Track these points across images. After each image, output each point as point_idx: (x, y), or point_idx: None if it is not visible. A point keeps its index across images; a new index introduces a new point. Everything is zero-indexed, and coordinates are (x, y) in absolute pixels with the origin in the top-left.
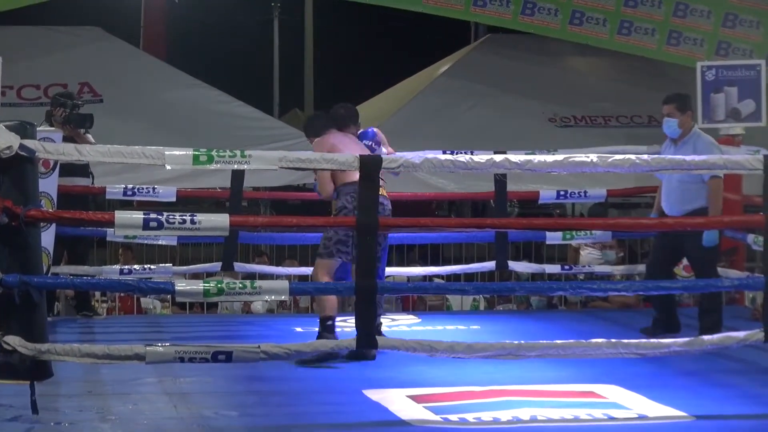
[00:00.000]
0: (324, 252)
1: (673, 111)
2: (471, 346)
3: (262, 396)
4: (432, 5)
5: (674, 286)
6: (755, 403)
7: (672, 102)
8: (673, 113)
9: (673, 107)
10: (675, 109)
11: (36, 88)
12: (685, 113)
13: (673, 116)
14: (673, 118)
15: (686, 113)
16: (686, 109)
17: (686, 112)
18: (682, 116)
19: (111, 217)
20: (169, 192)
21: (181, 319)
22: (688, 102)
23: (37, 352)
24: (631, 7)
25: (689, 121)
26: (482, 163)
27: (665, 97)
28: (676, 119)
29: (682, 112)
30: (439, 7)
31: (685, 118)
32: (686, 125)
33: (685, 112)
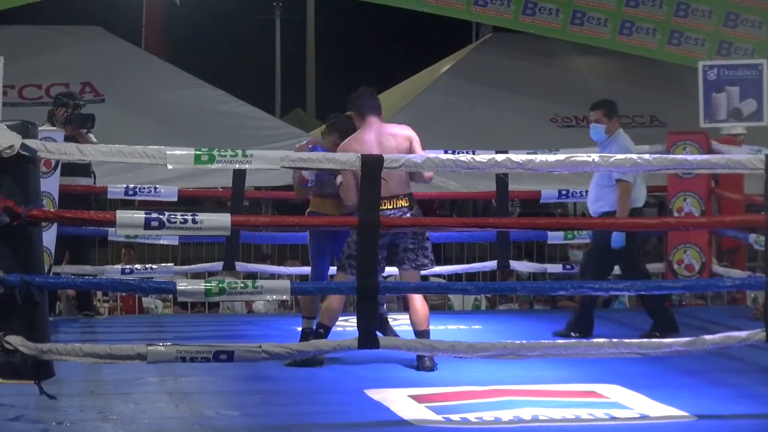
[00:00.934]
0: (339, 266)
1: (601, 117)
2: (472, 346)
3: (263, 395)
4: (433, 4)
5: (675, 286)
6: (756, 403)
7: (600, 108)
8: (600, 119)
9: (600, 113)
10: (603, 116)
11: (38, 88)
12: (611, 119)
13: (600, 122)
14: (600, 123)
15: (613, 119)
16: (613, 115)
17: (613, 117)
18: (609, 122)
19: (112, 216)
20: (171, 191)
21: (182, 319)
22: (615, 108)
23: (39, 352)
24: (632, 7)
25: (615, 126)
26: (484, 163)
27: (593, 104)
28: (604, 125)
29: (609, 118)
30: (440, 6)
31: (611, 123)
32: (612, 130)
33: (612, 118)
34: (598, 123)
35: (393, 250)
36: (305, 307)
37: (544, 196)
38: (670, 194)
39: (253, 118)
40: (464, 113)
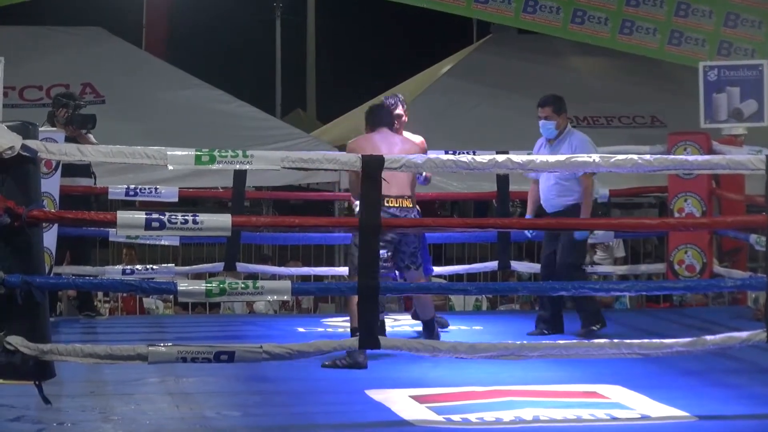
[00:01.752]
0: (353, 269)
1: (551, 114)
2: (473, 347)
3: (264, 396)
4: (434, 1)
5: (676, 286)
6: (758, 404)
7: (548, 105)
8: (550, 116)
9: (549, 110)
10: (552, 112)
11: (38, 89)
12: (560, 115)
13: (550, 119)
14: (550, 120)
15: (561, 115)
16: (562, 111)
17: (561, 114)
18: (558, 118)
19: (113, 217)
20: (172, 192)
21: (183, 320)
22: (563, 104)
23: (40, 353)
24: (632, 7)
25: (565, 122)
26: (485, 163)
27: (541, 100)
28: (554, 121)
29: (558, 114)
30: (441, 3)
31: (561, 119)
32: (562, 126)
33: (560, 114)
34: (548, 120)
35: (399, 256)
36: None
37: None
38: (671, 195)
39: (253, 118)
40: (465, 113)
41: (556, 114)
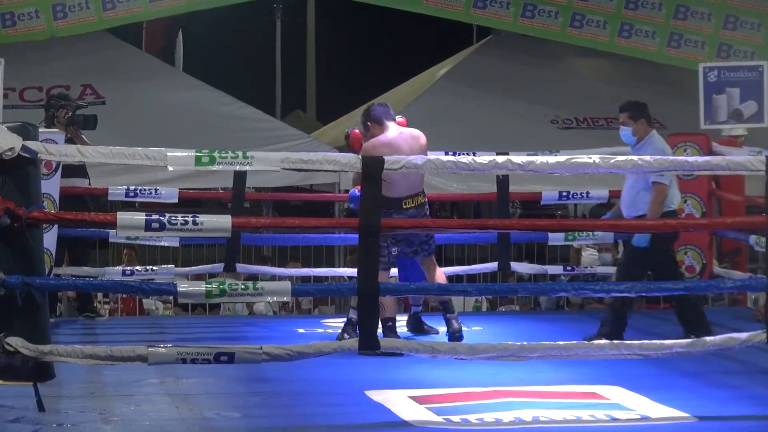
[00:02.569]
0: None
1: (627, 120)
2: (473, 347)
3: (264, 397)
4: (432, 6)
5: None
6: (757, 404)
7: (625, 111)
8: (626, 122)
9: (626, 116)
10: (628, 118)
11: (38, 90)
12: (638, 121)
13: (627, 125)
14: (627, 126)
15: (639, 121)
16: (639, 118)
17: (639, 120)
18: (635, 125)
19: (113, 218)
20: (171, 193)
21: (183, 321)
22: (642, 109)
23: (40, 354)
24: (631, 10)
25: (644, 129)
26: (485, 164)
27: (620, 106)
28: (630, 128)
29: (635, 120)
30: (440, 8)
31: (638, 126)
32: (640, 132)
33: (638, 120)
34: (624, 126)
35: (409, 244)
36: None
37: (545, 198)
38: None
39: (253, 119)
40: (465, 115)
41: (633, 120)
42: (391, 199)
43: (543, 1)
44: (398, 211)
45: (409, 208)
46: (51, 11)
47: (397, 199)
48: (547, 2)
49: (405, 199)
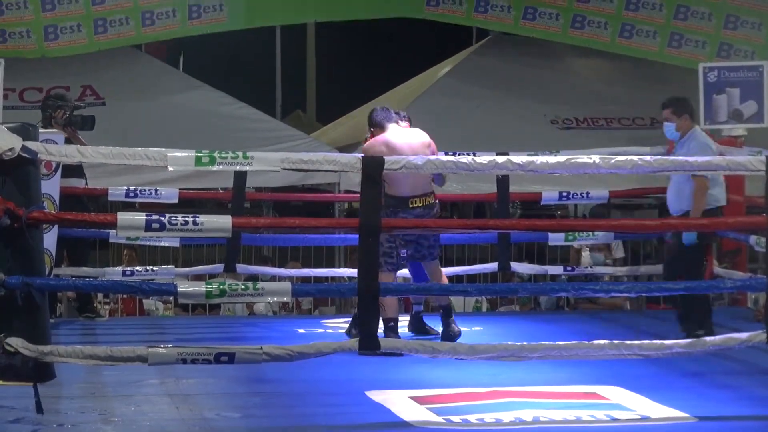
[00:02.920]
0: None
1: (670, 115)
2: (473, 348)
3: (264, 397)
4: (434, 12)
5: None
6: (758, 405)
7: (668, 106)
8: (670, 117)
9: (669, 111)
10: (671, 114)
11: (38, 91)
12: (681, 117)
13: (670, 120)
14: (670, 122)
15: (682, 116)
16: (682, 113)
17: (682, 115)
18: (678, 120)
19: (113, 218)
20: (172, 193)
21: (183, 321)
22: (684, 105)
23: (40, 354)
24: (632, 11)
25: (687, 124)
26: (485, 165)
27: (663, 102)
28: (673, 123)
29: (678, 116)
30: (441, 14)
31: (681, 121)
32: (684, 128)
33: (681, 115)
34: (668, 121)
35: (418, 248)
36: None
37: (545, 198)
38: None
39: (253, 119)
40: (464, 115)
41: (676, 116)
42: (398, 197)
43: (544, 4)
44: (405, 210)
45: (415, 208)
46: (42, 32)
47: (403, 198)
48: (547, 4)
49: (411, 198)
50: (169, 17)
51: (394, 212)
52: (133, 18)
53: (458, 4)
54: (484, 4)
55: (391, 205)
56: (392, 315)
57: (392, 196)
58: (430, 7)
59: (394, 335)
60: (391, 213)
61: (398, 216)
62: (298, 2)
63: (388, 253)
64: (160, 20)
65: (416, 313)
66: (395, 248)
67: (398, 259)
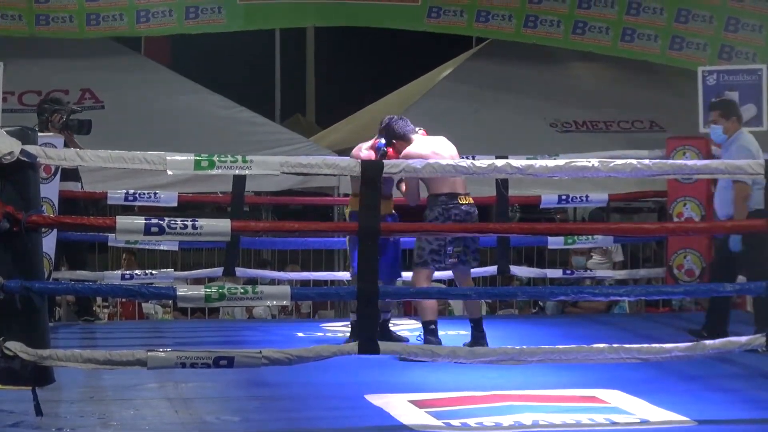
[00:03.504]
0: (419, 261)
1: (718, 118)
2: (473, 351)
3: (263, 401)
4: (434, 24)
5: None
6: (757, 408)
7: (716, 109)
8: (718, 120)
9: (717, 114)
10: (719, 116)
11: (37, 94)
12: (729, 119)
13: (718, 123)
14: (718, 124)
15: (730, 119)
16: (731, 115)
17: (730, 118)
18: (726, 122)
19: (112, 222)
20: (171, 197)
21: (182, 325)
22: (732, 107)
23: (39, 358)
24: (633, 15)
25: (735, 126)
26: (484, 168)
27: (710, 104)
28: (721, 126)
29: (726, 118)
30: (442, 25)
31: (729, 124)
32: (731, 130)
33: (729, 118)
34: (715, 124)
35: (465, 251)
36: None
37: (544, 202)
38: (670, 199)
39: (253, 123)
40: (464, 118)
41: (724, 118)
42: (448, 194)
43: (545, 11)
44: (456, 206)
45: (465, 203)
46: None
47: (453, 194)
48: (549, 12)
49: (460, 195)
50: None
51: (446, 208)
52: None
53: (459, 15)
54: (485, 14)
55: (442, 202)
56: (432, 318)
57: (441, 194)
58: (430, 19)
59: (435, 339)
60: (443, 210)
61: (450, 212)
62: (298, 7)
63: (437, 251)
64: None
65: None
66: (444, 246)
67: (445, 257)
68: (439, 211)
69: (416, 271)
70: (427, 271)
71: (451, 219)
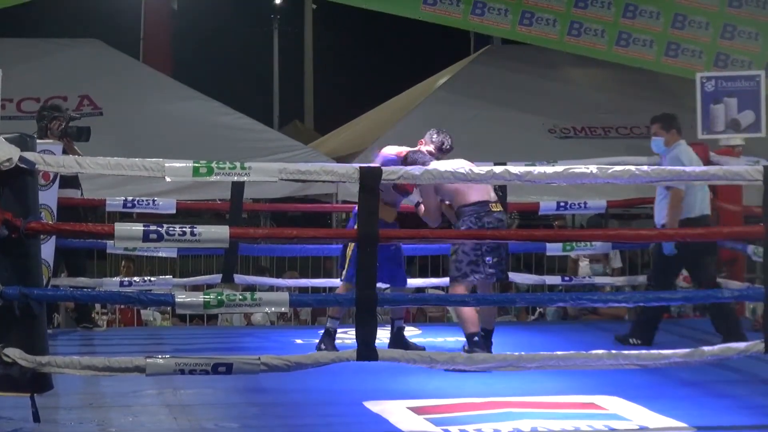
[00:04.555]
0: (458, 275)
1: (659, 130)
2: (471, 358)
3: (262, 408)
4: (430, 12)
5: (674, 297)
6: (756, 414)
7: (657, 122)
8: (658, 132)
9: (658, 126)
10: (660, 128)
11: (36, 101)
12: (669, 132)
13: (659, 134)
14: (659, 136)
15: (670, 131)
16: (671, 128)
17: (670, 130)
18: (667, 134)
19: (111, 229)
20: (169, 204)
21: (181, 331)
22: (672, 120)
23: (38, 365)
24: (629, 19)
25: (674, 138)
26: (482, 175)
27: (652, 117)
28: (662, 138)
29: (666, 131)
30: (437, 15)
31: (669, 136)
32: (671, 142)
33: (669, 130)
34: (656, 136)
35: (500, 262)
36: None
37: (543, 208)
38: None
39: (251, 130)
40: (462, 125)
41: (664, 131)
42: (478, 202)
43: (541, 9)
44: (488, 214)
45: (496, 211)
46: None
47: (483, 202)
48: (545, 10)
49: (491, 203)
50: None
51: (478, 218)
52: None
53: (455, 4)
54: (481, 6)
55: (474, 211)
56: (473, 330)
57: (471, 203)
58: (426, 6)
59: (479, 350)
60: (476, 219)
61: (483, 221)
62: None
63: (475, 261)
64: None
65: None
66: (481, 255)
67: (485, 267)
68: (472, 221)
69: (454, 285)
70: (465, 284)
71: (485, 227)
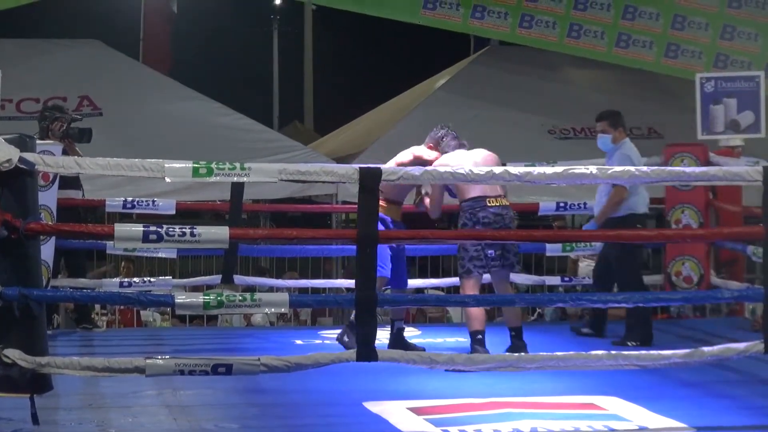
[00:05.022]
0: (463, 271)
1: (606, 127)
2: (471, 358)
3: (262, 408)
4: (429, 17)
5: (674, 297)
6: (755, 414)
7: (604, 119)
8: (606, 129)
9: (605, 124)
10: (608, 126)
11: (35, 102)
12: (616, 129)
13: (606, 132)
14: (606, 134)
15: (618, 129)
16: (617, 126)
17: (618, 128)
18: (614, 132)
19: (111, 229)
20: (169, 204)
21: (181, 332)
22: (618, 119)
23: (37, 366)
24: (629, 20)
25: (621, 136)
26: (482, 175)
27: (598, 115)
28: (610, 135)
29: (614, 128)
30: (437, 19)
31: (617, 133)
32: (617, 140)
33: (616, 128)
34: (603, 133)
35: (505, 254)
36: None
37: (542, 209)
38: (668, 206)
39: (251, 130)
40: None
41: (612, 128)
42: (474, 198)
43: (541, 12)
44: (483, 209)
45: (494, 206)
46: None
47: (479, 197)
48: (544, 12)
49: (488, 198)
50: None
51: (473, 213)
52: None
53: (455, 8)
54: (481, 10)
55: (469, 207)
56: (479, 327)
57: (468, 199)
58: (426, 10)
59: (482, 349)
60: (470, 215)
61: (477, 216)
62: None
63: (476, 257)
64: None
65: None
66: (482, 250)
67: (487, 261)
68: (467, 217)
69: (462, 282)
70: (472, 279)
71: (480, 223)
